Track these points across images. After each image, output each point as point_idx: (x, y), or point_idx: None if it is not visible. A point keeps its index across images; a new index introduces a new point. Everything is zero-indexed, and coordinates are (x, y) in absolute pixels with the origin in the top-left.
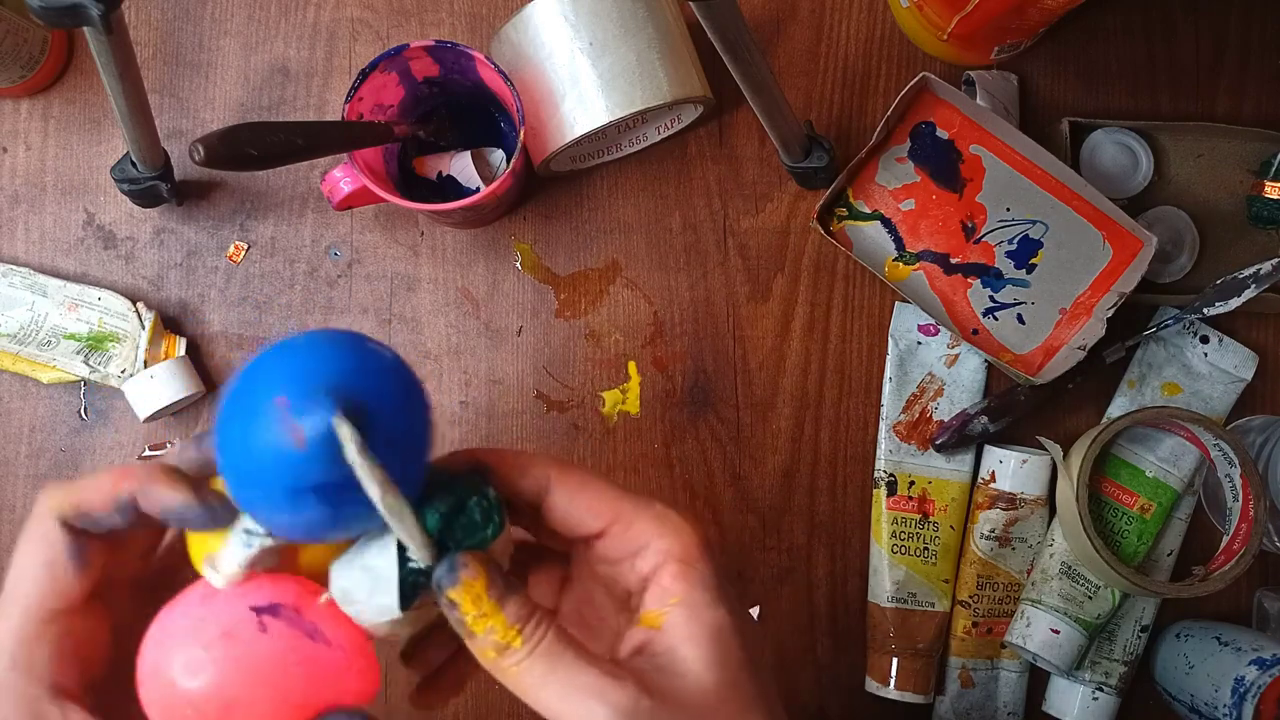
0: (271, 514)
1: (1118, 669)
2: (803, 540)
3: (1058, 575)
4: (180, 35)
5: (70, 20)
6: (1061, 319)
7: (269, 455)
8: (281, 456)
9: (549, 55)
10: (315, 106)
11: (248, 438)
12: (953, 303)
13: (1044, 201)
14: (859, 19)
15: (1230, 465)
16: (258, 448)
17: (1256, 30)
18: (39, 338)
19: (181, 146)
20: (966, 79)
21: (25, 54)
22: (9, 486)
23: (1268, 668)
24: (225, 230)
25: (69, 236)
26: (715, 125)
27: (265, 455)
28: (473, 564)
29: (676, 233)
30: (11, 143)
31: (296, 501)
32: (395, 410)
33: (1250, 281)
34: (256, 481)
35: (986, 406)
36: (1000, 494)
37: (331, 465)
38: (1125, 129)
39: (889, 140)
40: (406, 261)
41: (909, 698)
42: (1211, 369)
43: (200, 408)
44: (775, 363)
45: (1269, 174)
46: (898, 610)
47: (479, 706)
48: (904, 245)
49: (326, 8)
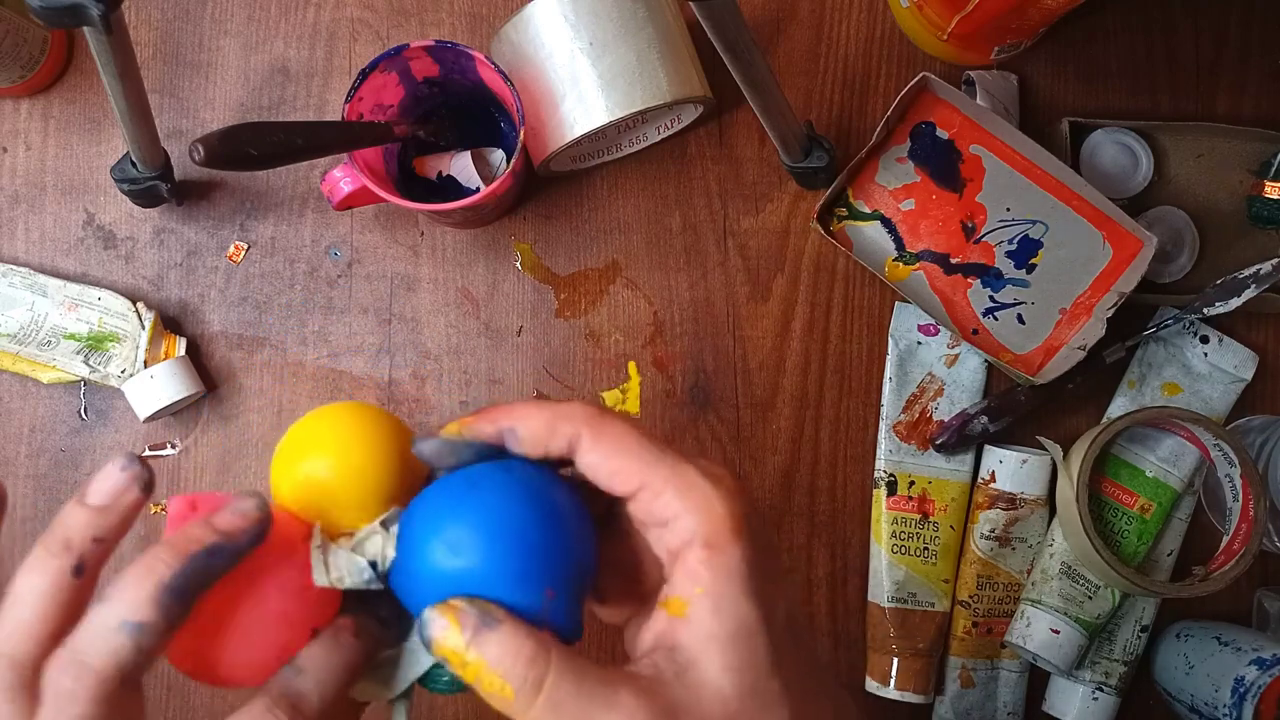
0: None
1: (1118, 669)
2: (803, 540)
3: (1058, 575)
4: (180, 35)
5: (70, 20)
6: (1061, 319)
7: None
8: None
9: (549, 55)
10: (315, 106)
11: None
12: (953, 303)
13: (1044, 201)
14: (859, 19)
15: (1230, 465)
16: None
17: (1256, 30)
18: (39, 338)
19: (181, 146)
20: (966, 79)
21: (25, 54)
22: (9, 486)
23: (1268, 668)
24: (225, 230)
25: (69, 236)
26: (715, 125)
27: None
28: (439, 617)
29: (676, 233)
30: (11, 142)
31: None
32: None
33: (1250, 281)
34: (426, 587)
35: (986, 406)
36: (1000, 494)
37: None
38: (1125, 129)
39: (889, 140)
40: (406, 261)
41: (909, 698)
42: (1211, 369)
43: (199, 408)
44: (775, 363)
45: (1269, 174)
46: (898, 610)
47: (479, 706)
48: (904, 245)
49: (326, 8)
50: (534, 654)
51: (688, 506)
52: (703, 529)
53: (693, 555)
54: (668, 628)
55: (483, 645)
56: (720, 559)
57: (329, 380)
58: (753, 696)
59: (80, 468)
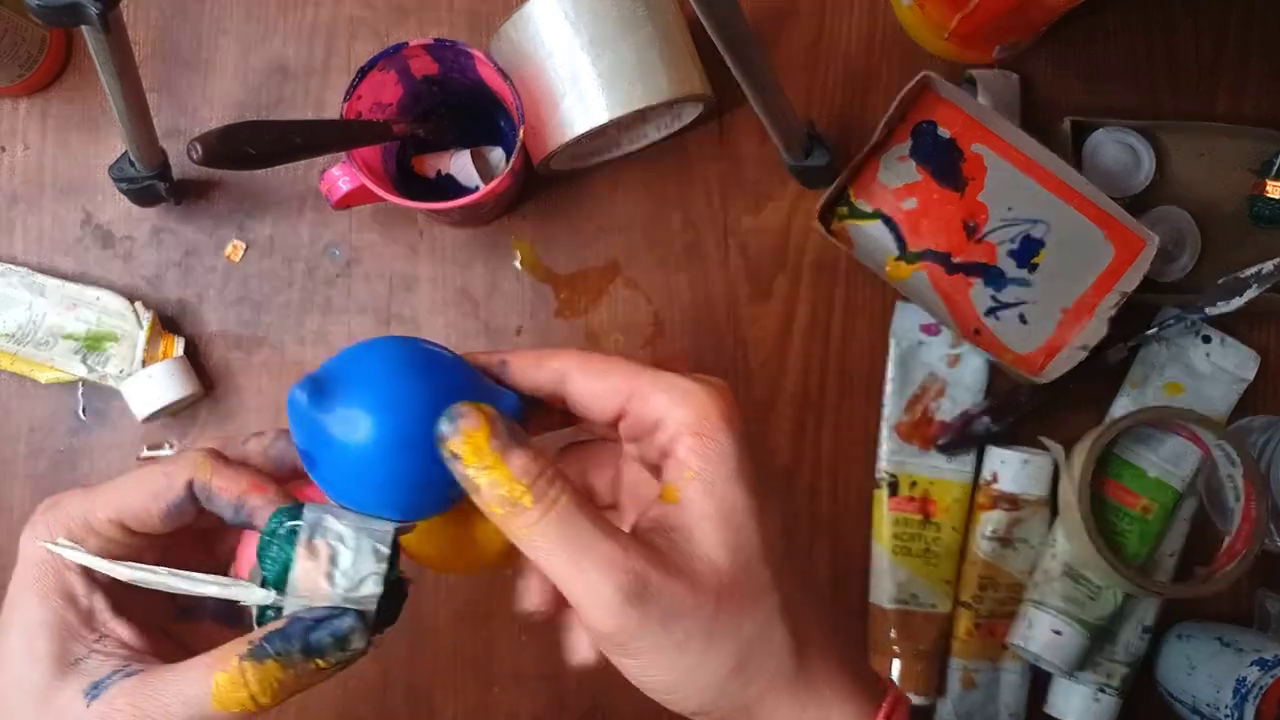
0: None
1: (1120, 670)
2: (804, 541)
3: (1060, 576)
4: (178, 34)
5: (69, 19)
6: (1064, 319)
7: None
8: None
9: (548, 53)
10: (314, 105)
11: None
12: (954, 302)
13: (1046, 201)
14: (860, 17)
15: (1232, 465)
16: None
17: (1257, 29)
18: (37, 337)
19: (180, 145)
20: (968, 78)
21: (24, 53)
22: (7, 487)
23: (1269, 668)
24: (223, 229)
25: (67, 236)
26: (716, 124)
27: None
28: (472, 413)
29: (677, 232)
30: (10, 142)
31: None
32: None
33: (1252, 281)
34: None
35: (988, 407)
36: (1002, 495)
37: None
38: (1127, 128)
39: (890, 139)
40: (405, 260)
41: (911, 699)
42: (1213, 369)
43: (198, 408)
44: (776, 363)
45: (1270, 173)
46: (899, 611)
47: (479, 706)
48: (905, 244)
49: (325, 6)
50: (555, 476)
51: (674, 400)
52: (690, 419)
53: (682, 445)
54: (662, 513)
55: (511, 455)
56: (710, 446)
57: None
58: (745, 573)
59: (78, 468)
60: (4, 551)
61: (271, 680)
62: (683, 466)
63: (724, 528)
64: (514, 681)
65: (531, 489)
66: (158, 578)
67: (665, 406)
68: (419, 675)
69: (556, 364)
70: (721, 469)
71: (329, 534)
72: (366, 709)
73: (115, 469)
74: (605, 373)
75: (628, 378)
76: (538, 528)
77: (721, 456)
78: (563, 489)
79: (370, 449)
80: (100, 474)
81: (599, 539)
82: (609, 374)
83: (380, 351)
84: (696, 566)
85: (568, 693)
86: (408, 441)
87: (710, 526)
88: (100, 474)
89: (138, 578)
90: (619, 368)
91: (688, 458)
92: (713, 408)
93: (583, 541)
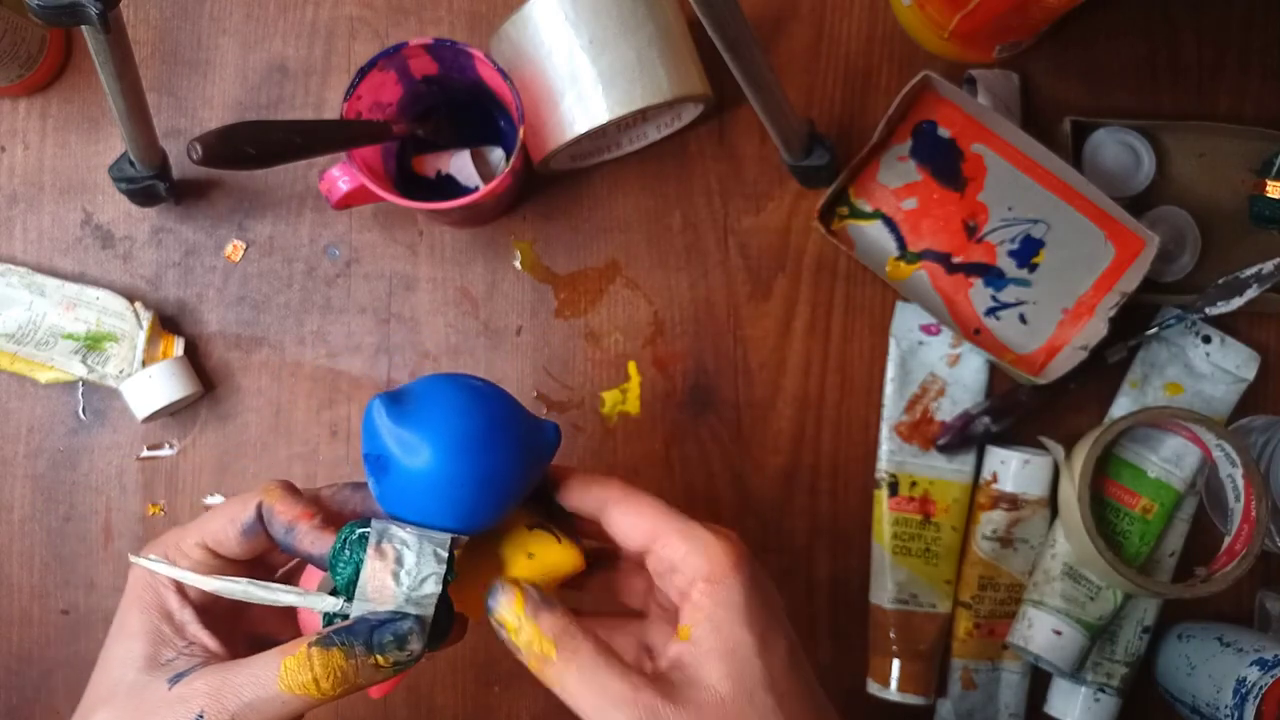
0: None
1: (1119, 670)
2: (804, 541)
3: (1060, 576)
4: (178, 34)
5: (69, 19)
6: (1064, 318)
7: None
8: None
9: (548, 53)
10: (313, 105)
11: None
12: (955, 302)
13: (1046, 201)
14: (860, 17)
15: (1232, 466)
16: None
17: (1257, 29)
18: (37, 337)
19: (180, 145)
20: (968, 77)
21: (23, 52)
22: (7, 487)
23: (1269, 668)
24: (223, 229)
25: (67, 236)
26: (716, 123)
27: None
28: (509, 588)
29: (677, 232)
30: (9, 142)
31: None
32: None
33: (1252, 281)
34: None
35: (989, 407)
36: (1002, 495)
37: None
38: (1127, 128)
39: (890, 139)
40: (405, 261)
41: (910, 699)
42: (1214, 369)
43: (198, 408)
44: (776, 363)
45: (1270, 173)
46: (899, 612)
47: (479, 706)
48: (906, 244)
49: (325, 6)
50: (576, 630)
51: (692, 549)
52: (704, 567)
53: (696, 590)
54: (679, 651)
55: (540, 617)
56: (720, 591)
57: (327, 380)
58: (749, 701)
59: (78, 468)
60: (3, 551)
61: (335, 667)
62: (695, 609)
63: (729, 661)
64: (514, 681)
65: (556, 643)
66: (239, 587)
67: (685, 552)
68: (419, 675)
69: (600, 492)
70: (729, 613)
71: (395, 539)
72: (367, 709)
73: (115, 469)
74: (638, 512)
75: (656, 521)
76: (565, 674)
77: (730, 603)
78: (583, 640)
79: (436, 462)
80: (100, 474)
81: (614, 679)
82: (641, 514)
83: (454, 381)
84: (703, 697)
85: None
86: (468, 462)
87: (717, 660)
88: (100, 474)
89: (221, 588)
90: (649, 511)
91: (700, 600)
92: (724, 558)
93: (601, 683)
